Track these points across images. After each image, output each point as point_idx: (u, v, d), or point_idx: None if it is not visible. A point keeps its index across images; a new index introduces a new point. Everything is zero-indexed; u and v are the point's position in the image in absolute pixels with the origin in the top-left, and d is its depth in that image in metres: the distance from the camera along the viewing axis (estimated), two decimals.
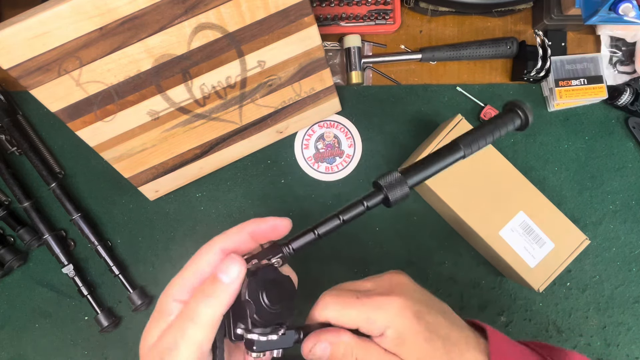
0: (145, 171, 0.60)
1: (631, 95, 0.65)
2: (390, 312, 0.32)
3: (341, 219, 0.34)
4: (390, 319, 0.32)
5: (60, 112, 0.50)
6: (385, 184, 0.33)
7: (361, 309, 0.33)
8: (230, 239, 0.34)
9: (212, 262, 0.32)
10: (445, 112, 0.67)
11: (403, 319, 0.32)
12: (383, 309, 0.32)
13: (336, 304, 0.33)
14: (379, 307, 0.32)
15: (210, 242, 0.33)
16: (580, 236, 0.58)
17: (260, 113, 0.60)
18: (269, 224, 0.34)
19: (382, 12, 0.65)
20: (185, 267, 0.33)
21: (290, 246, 0.33)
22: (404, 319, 0.32)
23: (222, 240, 0.33)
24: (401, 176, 0.33)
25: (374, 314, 0.32)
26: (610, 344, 0.66)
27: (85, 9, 0.43)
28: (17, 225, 0.63)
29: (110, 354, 0.64)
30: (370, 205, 0.34)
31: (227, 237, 0.34)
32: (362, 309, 0.33)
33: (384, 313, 0.32)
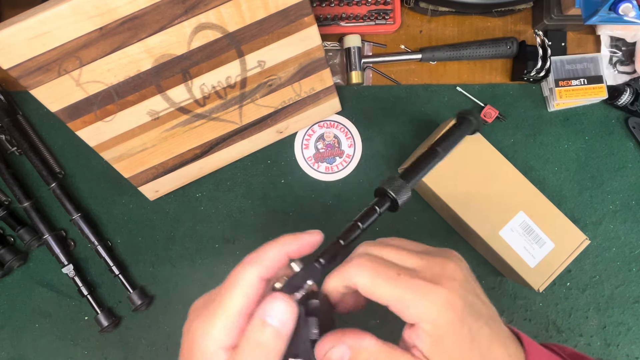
0: (145, 171, 0.60)
1: (631, 95, 0.65)
2: (432, 304, 0.28)
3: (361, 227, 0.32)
4: (430, 312, 0.28)
5: (60, 112, 0.50)
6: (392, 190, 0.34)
7: (398, 289, 0.28)
8: (267, 264, 0.29)
9: (252, 295, 0.29)
10: (445, 112, 0.67)
11: (445, 316, 0.28)
12: (425, 297, 0.28)
13: (371, 274, 0.29)
14: (421, 294, 0.28)
15: (244, 265, 0.29)
16: (580, 236, 0.58)
17: (260, 113, 0.60)
18: (306, 242, 0.31)
19: (382, 12, 0.65)
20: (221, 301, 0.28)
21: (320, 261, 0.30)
22: (446, 316, 0.28)
23: (258, 266, 0.29)
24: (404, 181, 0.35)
25: (411, 299, 0.28)
26: (610, 344, 0.66)
27: (85, 9, 0.43)
28: (17, 225, 0.63)
29: (110, 354, 0.64)
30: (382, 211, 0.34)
31: (262, 261, 0.29)
32: (399, 289, 0.28)
33: (425, 302, 0.28)
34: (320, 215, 0.66)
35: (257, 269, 0.29)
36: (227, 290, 0.29)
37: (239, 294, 0.28)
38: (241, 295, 0.28)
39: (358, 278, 0.29)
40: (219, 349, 0.28)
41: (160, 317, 0.65)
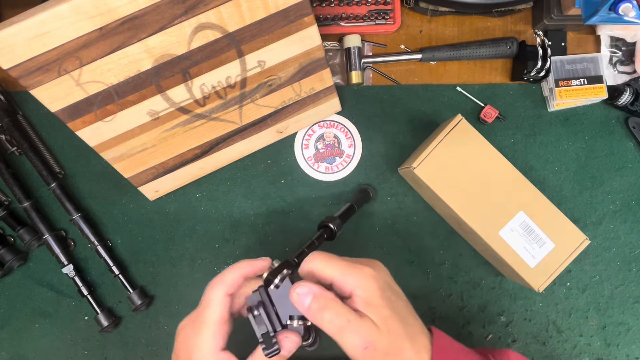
0: (145, 171, 0.60)
1: (631, 95, 0.65)
2: (360, 277, 0.38)
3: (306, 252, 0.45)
4: (359, 282, 0.38)
5: (60, 112, 0.50)
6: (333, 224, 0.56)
7: (340, 267, 0.39)
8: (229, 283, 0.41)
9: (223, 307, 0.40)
10: (445, 112, 0.67)
11: (369, 285, 0.38)
12: (356, 272, 0.38)
13: (322, 259, 0.39)
14: (353, 270, 0.38)
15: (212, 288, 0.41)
16: (580, 236, 0.58)
17: (260, 113, 0.60)
18: (258, 267, 0.43)
19: (382, 12, 0.65)
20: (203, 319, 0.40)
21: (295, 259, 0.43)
22: (370, 285, 0.38)
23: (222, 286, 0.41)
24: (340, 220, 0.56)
25: (348, 274, 0.38)
26: (610, 344, 0.66)
27: (85, 9, 0.43)
28: (17, 225, 0.63)
29: (110, 354, 0.64)
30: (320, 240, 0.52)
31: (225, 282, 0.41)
32: (341, 266, 0.39)
33: (356, 276, 0.38)
34: (320, 215, 0.66)
35: (222, 289, 0.41)
36: (205, 309, 0.40)
37: (214, 309, 0.40)
38: (216, 310, 0.40)
39: (314, 263, 0.39)
40: (211, 353, 0.39)
41: (160, 317, 0.65)
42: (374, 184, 0.66)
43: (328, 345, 0.64)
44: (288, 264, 0.42)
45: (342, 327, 0.36)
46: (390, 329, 0.37)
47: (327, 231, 0.54)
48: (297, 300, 0.38)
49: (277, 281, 0.40)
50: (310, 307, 0.37)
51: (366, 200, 0.64)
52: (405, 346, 0.37)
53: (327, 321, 0.37)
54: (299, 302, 0.38)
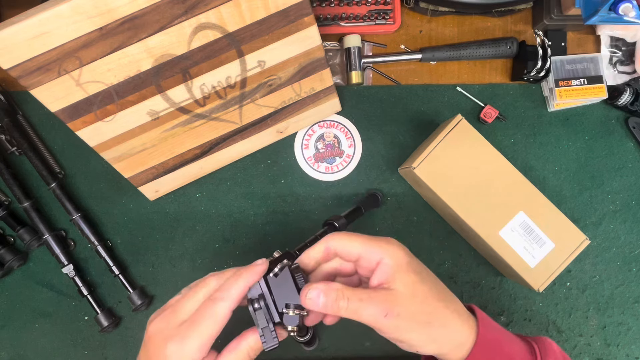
0: (145, 171, 0.60)
1: (631, 95, 0.65)
2: (388, 246, 0.38)
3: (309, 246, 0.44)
4: (387, 251, 0.38)
5: (60, 112, 0.50)
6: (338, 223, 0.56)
7: (363, 241, 0.39)
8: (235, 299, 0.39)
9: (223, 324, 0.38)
10: (445, 112, 0.67)
11: (398, 252, 0.38)
12: (382, 243, 0.38)
13: (343, 236, 0.39)
14: (379, 242, 0.39)
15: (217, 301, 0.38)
16: (580, 236, 0.58)
17: (260, 113, 0.60)
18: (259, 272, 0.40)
19: (382, 12, 0.65)
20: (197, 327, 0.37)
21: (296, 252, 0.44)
22: (398, 252, 0.38)
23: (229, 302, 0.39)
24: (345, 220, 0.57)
25: (373, 246, 0.38)
26: (610, 344, 0.66)
27: (85, 9, 0.43)
28: (17, 225, 0.63)
29: (110, 354, 0.64)
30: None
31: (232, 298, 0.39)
32: (364, 240, 0.39)
33: (383, 246, 0.38)
34: (320, 215, 0.66)
35: (228, 304, 0.38)
36: (202, 318, 0.37)
37: (213, 323, 0.37)
38: (215, 325, 0.37)
39: (333, 242, 0.39)
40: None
41: None
42: (374, 184, 0.66)
43: (328, 345, 0.64)
44: (289, 254, 0.42)
45: (357, 308, 0.36)
46: (416, 292, 0.37)
47: (331, 229, 0.55)
48: (311, 305, 0.37)
49: (277, 270, 0.40)
50: (325, 305, 0.37)
51: (374, 205, 0.64)
52: (438, 306, 0.37)
53: (344, 309, 0.37)
54: (313, 305, 0.37)
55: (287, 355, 0.64)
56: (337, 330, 0.64)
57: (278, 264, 0.41)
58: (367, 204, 0.63)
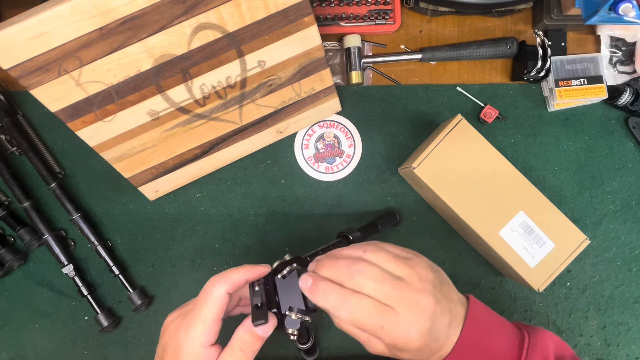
0: (145, 171, 0.60)
1: (631, 95, 0.65)
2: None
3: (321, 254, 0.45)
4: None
5: (60, 112, 0.50)
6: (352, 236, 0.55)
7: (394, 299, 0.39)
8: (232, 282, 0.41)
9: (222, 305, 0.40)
10: (445, 112, 0.67)
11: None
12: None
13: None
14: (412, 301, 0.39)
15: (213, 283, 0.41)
16: (580, 236, 0.58)
17: (260, 113, 0.60)
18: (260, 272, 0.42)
19: (382, 12, 0.65)
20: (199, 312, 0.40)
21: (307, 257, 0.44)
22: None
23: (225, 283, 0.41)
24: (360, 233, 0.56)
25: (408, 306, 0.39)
26: (610, 344, 0.66)
27: (85, 9, 0.43)
28: (17, 225, 0.63)
29: (110, 354, 0.64)
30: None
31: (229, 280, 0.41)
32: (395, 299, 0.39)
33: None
34: (320, 215, 0.66)
35: (224, 286, 0.40)
36: (202, 302, 0.40)
37: (212, 305, 0.39)
38: (214, 306, 0.39)
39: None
40: (201, 348, 0.39)
41: (160, 317, 0.65)
42: (374, 184, 0.66)
43: (329, 345, 0.64)
44: (299, 259, 0.43)
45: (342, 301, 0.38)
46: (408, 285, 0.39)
47: (345, 241, 0.55)
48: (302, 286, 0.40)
49: (285, 272, 0.41)
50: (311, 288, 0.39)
51: (391, 223, 0.64)
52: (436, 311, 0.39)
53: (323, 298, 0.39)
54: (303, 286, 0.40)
55: (288, 356, 0.64)
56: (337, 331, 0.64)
57: (287, 266, 0.41)
58: (384, 220, 0.63)
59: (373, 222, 0.61)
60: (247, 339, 0.39)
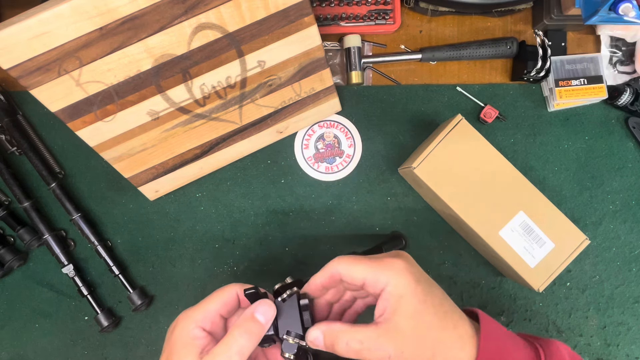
0: (145, 171, 0.60)
1: (631, 95, 0.65)
2: (393, 271, 0.37)
3: None
4: (392, 276, 0.37)
5: (60, 112, 0.50)
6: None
7: (368, 265, 0.38)
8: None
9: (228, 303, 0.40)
10: (445, 112, 0.67)
11: (403, 278, 0.37)
12: (387, 267, 0.37)
13: (348, 260, 0.39)
14: (384, 265, 0.37)
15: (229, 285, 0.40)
16: (580, 236, 0.58)
17: (260, 113, 0.60)
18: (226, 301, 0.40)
19: (382, 12, 0.65)
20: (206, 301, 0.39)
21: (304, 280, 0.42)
22: (404, 278, 0.37)
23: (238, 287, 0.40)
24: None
25: (378, 270, 0.37)
26: (610, 344, 0.66)
27: (85, 9, 0.43)
28: (17, 225, 0.63)
29: (110, 354, 0.64)
30: None
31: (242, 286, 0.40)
32: (369, 264, 0.38)
33: (388, 271, 0.37)
34: (320, 215, 0.66)
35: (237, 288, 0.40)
36: (212, 296, 0.40)
37: (220, 299, 0.39)
38: (221, 301, 0.39)
39: (339, 266, 0.39)
40: (196, 327, 0.38)
41: (160, 317, 0.65)
42: (374, 184, 0.66)
43: None
44: (300, 282, 0.42)
45: (358, 350, 0.36)
46: (419, 325, 0.36)
47: None
48: (315, 345, 0.38)
49: (285, 295, 0.40)
50: (326, 346, 0.37)
51: (397, 246, 0.63)
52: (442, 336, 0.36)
53: (344, 350, 0.37)
54: (317, 345, 0.38)
55: None
56: None
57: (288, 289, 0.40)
58: (390, 245, 0.62)
59: (378, 246, 0.60)
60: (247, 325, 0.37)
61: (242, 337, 0.37)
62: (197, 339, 0.37)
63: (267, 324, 0.38)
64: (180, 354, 0.37)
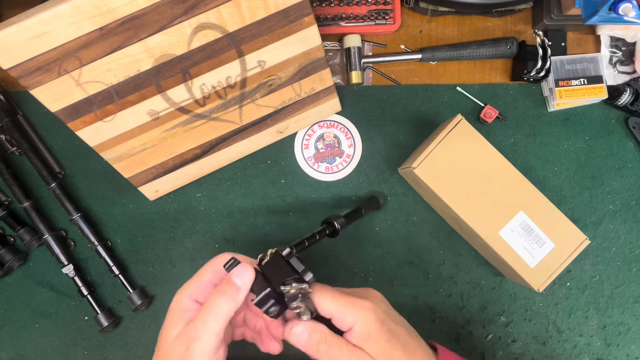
0: (145, 171, 0.60)
1: (631, 95, 0.65)
2: (359, 311, 0.39)
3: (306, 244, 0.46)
4: (358, 317, 0.39)
5: (60, 112, 0.50)
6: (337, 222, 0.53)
7: (338, 302, 0.40)
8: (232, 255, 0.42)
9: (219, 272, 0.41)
10: (445, 112, 0.67)
11: (368, 318, 0.39)
12: (355, 306, 0.40)
13: (320, 294, 0.40)
14: (353, 305, 0.40)
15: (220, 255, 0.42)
16: (580, 236, 0.58)
17: (260, 113, 0.60)
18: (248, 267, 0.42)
19: (382, 12, 0.65)
20: (199, 273, 0.41)
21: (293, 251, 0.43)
22: (369, 319, 0.39)
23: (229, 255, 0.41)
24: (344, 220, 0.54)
25: (347, 309, 0.40)
26: (610, 344, 0.66)
27: (85, 9, 0.43)
28: (17, 225, 0.63)
29: (110, 354, 0.64)
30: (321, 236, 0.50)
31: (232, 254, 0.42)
32: (339, 302, 0.40)
33: (354, 310, 0.39)
34: (320, 215, 0.66)
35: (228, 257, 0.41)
36: (204, 267, 0.42)
37: (211, 269, 0.41)
38: (212, 270, 0.41)
39: (315, 296, 0.40)
40: (187, 299, 0.40)
41: (160, 317, 0.64)
42: (374, 184, 0.66)
43: None
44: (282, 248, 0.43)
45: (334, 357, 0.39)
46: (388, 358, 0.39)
47: (329, 227, 0.54)
48: (294, 340, 0.39)
49: (268, 257, 0.41)
50: (306, 343, 0.39)
51: (375, 207, 0.64)
52: None
53: (322, 353, 0.39)
54: (296, 341, 0.39)
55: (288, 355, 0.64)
56: None
57: (269, 255, 0.41)
58: (368, 205, 0.63)
59: (358, 208, 0.61)
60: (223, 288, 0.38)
61: (219, 301, 0.38)
62: (188, 311, 0.39)
63: (244, 285, 0.39)
64: (171, 326, 0.39)
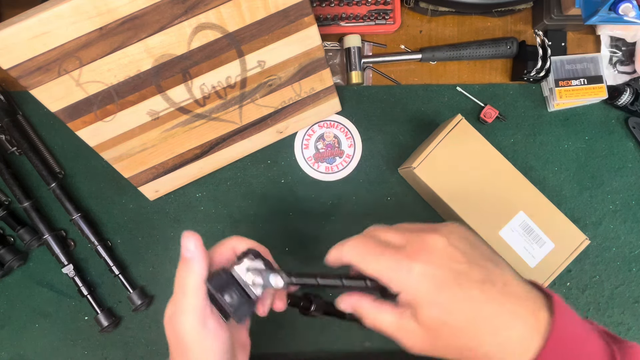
0: (145, 171, 0.60)
1: (631, 95, 0.65)
2: (407, 277, 0.31)
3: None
4: (405, 284, 0.31)
5: (60, 112, 0.50)
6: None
7: (382, 264, 0.32)
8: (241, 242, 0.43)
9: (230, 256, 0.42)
10: (445, 112, 0.67)
11: (418, 287, 0.31)
12: (402, 271, 0.31)
13: (362, 251, 0.34)
14: (400, 268, 0.32)
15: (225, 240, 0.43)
16: (580, 236, 0.58)
17: (260, 113, 0.60)
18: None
19: (382, 12, 0.65)
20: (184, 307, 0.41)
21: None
22: (419, 287, 0.31)
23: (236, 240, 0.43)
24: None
25: (392, 273, 0.32)
26: None
27: (85, 9, 0.43)
28: (17, 225, 0.63)
29: (110, 354, 0.64)
30: None
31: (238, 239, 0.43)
32: (383, 264, 0.32)
33: (402, 276, 0.31)
34: (320, 215, 0.66)
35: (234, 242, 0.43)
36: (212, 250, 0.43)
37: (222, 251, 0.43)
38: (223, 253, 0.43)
39: (350, 255, 0.35)
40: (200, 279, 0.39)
41: (160, 317, 0.64)
42: (374, 184, 0.66)
43: (328, 345, 0.64)
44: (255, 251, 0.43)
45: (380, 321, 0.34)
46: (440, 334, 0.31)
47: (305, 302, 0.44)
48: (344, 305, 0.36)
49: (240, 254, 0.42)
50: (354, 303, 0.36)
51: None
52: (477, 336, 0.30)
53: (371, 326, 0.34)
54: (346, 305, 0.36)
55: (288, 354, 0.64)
56: (337, 330, 0.64)
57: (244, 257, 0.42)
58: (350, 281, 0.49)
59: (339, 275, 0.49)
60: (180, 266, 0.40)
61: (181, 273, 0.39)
62: None
63: (196, 249, 0.38)
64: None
